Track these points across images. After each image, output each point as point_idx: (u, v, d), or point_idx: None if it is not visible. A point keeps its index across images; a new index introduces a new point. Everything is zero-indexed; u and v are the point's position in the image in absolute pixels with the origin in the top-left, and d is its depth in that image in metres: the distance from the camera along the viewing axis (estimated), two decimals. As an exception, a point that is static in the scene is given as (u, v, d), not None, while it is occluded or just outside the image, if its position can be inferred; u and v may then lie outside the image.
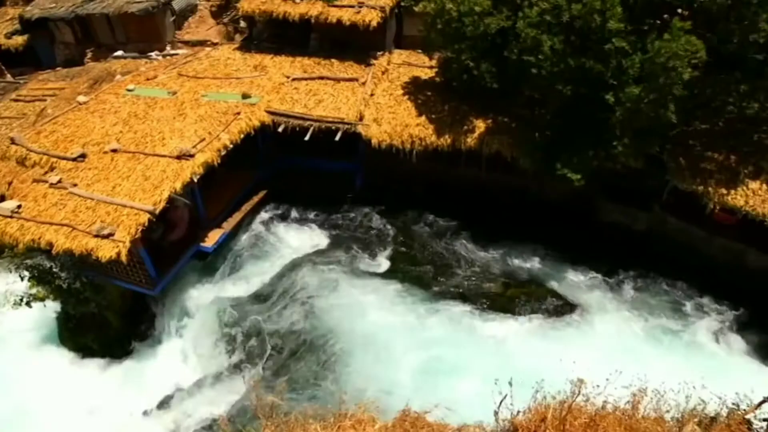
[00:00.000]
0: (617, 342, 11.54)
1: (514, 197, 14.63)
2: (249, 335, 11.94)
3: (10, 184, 15.10)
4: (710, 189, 12.06)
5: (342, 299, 12.29)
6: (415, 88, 15.27)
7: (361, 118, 14.27)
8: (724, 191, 11.97)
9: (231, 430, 5.54)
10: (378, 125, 14.30)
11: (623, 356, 10.74)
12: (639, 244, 13.87)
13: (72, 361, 13.37)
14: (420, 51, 16.17)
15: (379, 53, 16.41)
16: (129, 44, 21.19)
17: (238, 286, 13.04)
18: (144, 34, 20.96)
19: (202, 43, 20.08)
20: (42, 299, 12.45)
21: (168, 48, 20.49)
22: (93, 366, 13.25)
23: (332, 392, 9.73)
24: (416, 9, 15.50)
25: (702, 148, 12.70)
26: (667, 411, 5.78)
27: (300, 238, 14.28)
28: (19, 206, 11.68)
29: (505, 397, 5.79)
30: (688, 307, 12.51)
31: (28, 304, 12.38)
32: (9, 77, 21.66)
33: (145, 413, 11.96)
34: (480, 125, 13.93)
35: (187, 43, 20.51)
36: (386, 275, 13.26)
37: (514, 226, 14.23)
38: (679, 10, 10.75)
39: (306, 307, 12.18)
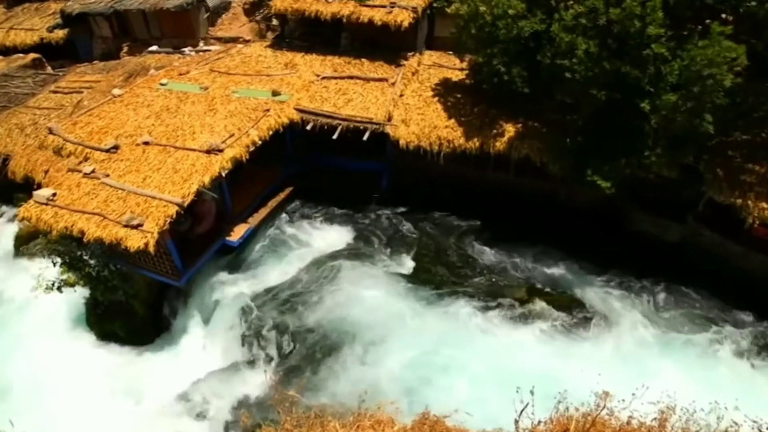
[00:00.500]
0: (644, 356, 11.21)
1: (541, 202, 14.39)
2: (270, 330, 11.98)
3: (46, 172, 15.56)
4: (749, 202, 11.61)
5: (364, 299, 12.24)
6: (444, 90, 15.17)
7: (389, 119, 14.24)
8: (764, 205, 11.52)
9: (251, 423, 5.54)
10: (406, 126, 14.24)
11: (650, 371, 10.50)
12: (670, 255, 13.46)
13: (98, 346, 13.64)
14: (451, 53, 16.06)
15: (409, 54, 16.35)
16: (163, 39, 21.64)
17: (261, 281, 13.12)
18: (178, 30, 21.39)
19: (234, 40, 20.38)
20: (72, 285, 12.78)
21: (201, 44, 20.85)
22: (117, 351, 13.50)
23: (351, 391, 9.69)
24: (448, 10, 15.44)
25: (742, 160, 12.25)
26: (697, 431, 5.57)
27: (324, 237, 14.31)
28: (54, 194, 11.98)
29: (526, 406, 5.68)
30: (721, 323, 12.04)
31: (59, 289, 12.72)
32: (49, 69, 22.31)
33: (165, 399, 12.07)
34: (510, 129, 13.75)
35: (220, 40, 20.84)
36: (410, 276, 13.16)
37: (540, 232, 14.01)
38: (723, 15, 10.38)
39: (328, 305, 12.18)
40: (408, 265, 13.55)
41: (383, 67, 15.95)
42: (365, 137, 14.03)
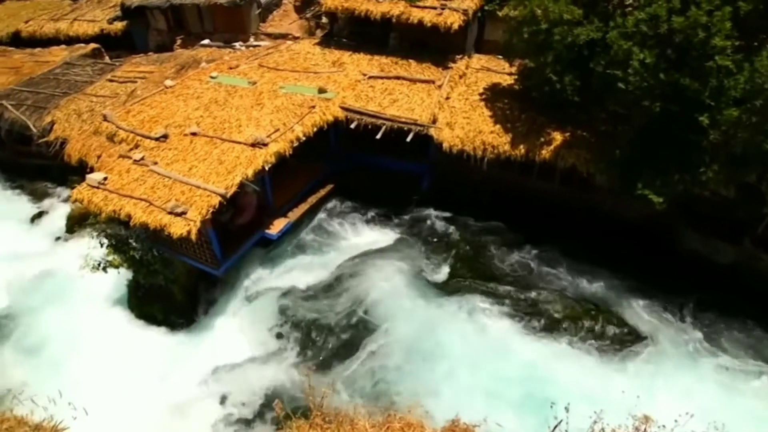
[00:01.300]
0: (687, 381, 10.69)
1: (585, 214, 13.96)
2: (302, 324, 12.08)
3: (99, 157, 16.11)
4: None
5: (398, 300, 12.18)
6: (492, 95, 14.92)
7: (434, 121, 14.11)
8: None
9: (283, 414, 5.54)
10: (451, 129, 14.08)
11: (694, 397, 10.00)
12: (720, 278, 12.78)
13: (135, 325, 13.97)
14: (500, 57, 15.79)
15: (458, 56, 16.17)
16: (215, 34, 22.21)
17: (297, 276, 13.24)
18: (230, 25, 21.91)
19: (283, 37, 20.68)
20: (117, 266, 13.20)
21: (251, 39, 21.27)
22: (153, 332, 13.80)
23: (382, 391, 9.65)
24: (500, 14, 15.20)
25: (810, 182, 11.55)
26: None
27: (362, 235, 14.33)
28: (105, 178, 12.40)
29: (559, 423, 5.49)
30: (776, 354, 11.39)
31: (104, 269, 13.16)
32: (107, 59, 23.22)
33: (194, 381, 12.33)
34: (557, 137, 13.39)
35: (270, 36, 21.19)
36: (445, 281, 13.02)
37: (583, 244, 13.59)
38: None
39: (361, 304, 12.18)
40: (444, 269, 13.40)
41: (430, 69, 15.82)
42: (409, 138, 13.96)
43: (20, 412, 5.39)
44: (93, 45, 24.02)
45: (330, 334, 11.81)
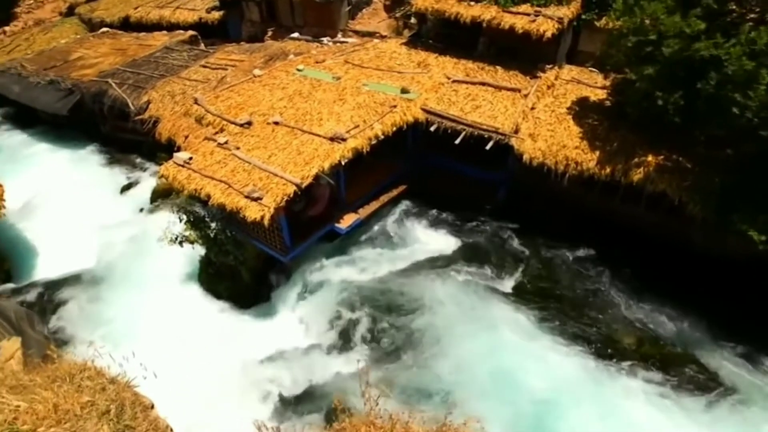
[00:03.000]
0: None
1: (671, 244, 12.90)
2: (362, 321, 12.05)
3: (186, 137, 17.01)
4: None
5: (461, 309, 11.85)
6: (580, 108, 14.19)
7: (516, 131, 13.61)
8: None
9: (340, 408, 5.46)
10: (533, 141, 13.54)
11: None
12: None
13: (203, 300, 14.52)
14: (593, 69, 15.01)
15: (548, 66, 15.49)
16: (305, 28, 22.78)
17: (361, 273, 13.23)
18: (320, 20, 22.39)
19: (371, 35, 20.84)
20: (192, 242, 13.78)
21: (339, 36, 21.60)
22: (219, 309, 14.26)
23: (436, 401, 9.39)
24: (598, 23, 14.42)
25: None
26: None
27: (430, 239, 14.07)
28: (190, 158, 12.99)
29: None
30: None
31: (180, 243, 13.78)
32: (202, 46, 24.49)
33: (251, 361, 12.58)
34: (649, 160, 12.47)
35: (357, 33, 21.44)
36: (511, 297, 12.50)
37: (665, 276, 12.56)
38: None
39: (422, 309, 11.95)
40: (512, 284, 12.88)
41: (517, 77, 15.29)
42: (488, 146, 13.56)
43: (99, 364, 5.66)
44: (191, 32, 25.45)
45: (387, 335, 11.68)
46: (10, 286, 15.45)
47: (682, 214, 12.11)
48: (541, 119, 14.03)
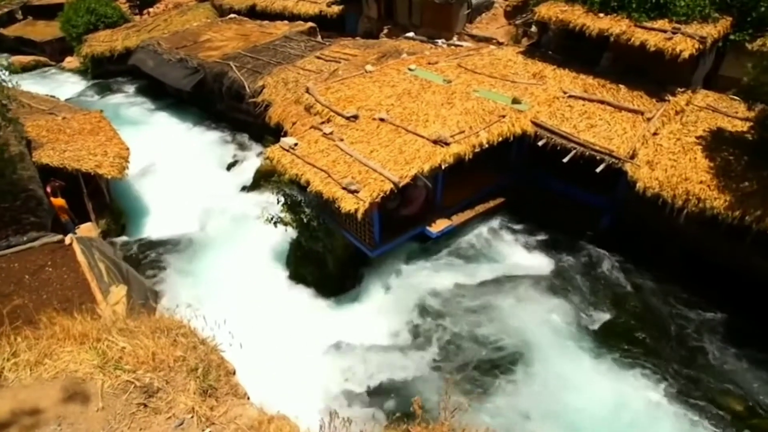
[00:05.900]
0: None
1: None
2: (441, 329, 11.77)
3: (294, 123, 17.62)
4: None
5: (545, 337, 11.18)
6: (712, 139, 12.79)
7: (632, 156, 12.57)
8: None
9: (421, 412, 5.24)
10: (651, 169, 12.42)
11: None
12: None
13: (288, 281, 14.90)
14: (735, 97, 13.46)
15: (679, 89, 14.11)
16: (421, 28, 22.79)
17: (446, 280, 12.93)
18: (436, 22, 22.29)
19: (487, 40, 20.38)
20: (286, 224, 14.24)
21: (454, 38, 21.37)
22: (302, 293, 14.50)
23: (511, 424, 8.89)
24: (750, 46, 12.87)
25: None
26: None
27: (522, 258, 13.45)
28: (295, 144, 13.42)
29: None
30: None
31: (275, 224, 14.28)
32: (319, 38, 25.36)
33: (328, 348, 12.69)
34: (791, 205, 10.97)
35: (473, 38, 21.05)
36: (603, 335, 11.57)
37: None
38: None
39: (505, 330, 11.41)
40: (605, 321, 11.92)
41: (642, 99, 14.12)
42: (599, 169, 12.63)
43: (193, 325, 5.91)
44: (310, 24, 26.51)
45: (468, 346, 11.28)
46: (124, 238, 16.94)
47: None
48: (663, 146, 12.85)
